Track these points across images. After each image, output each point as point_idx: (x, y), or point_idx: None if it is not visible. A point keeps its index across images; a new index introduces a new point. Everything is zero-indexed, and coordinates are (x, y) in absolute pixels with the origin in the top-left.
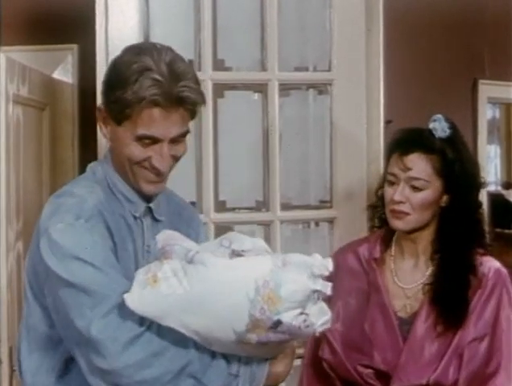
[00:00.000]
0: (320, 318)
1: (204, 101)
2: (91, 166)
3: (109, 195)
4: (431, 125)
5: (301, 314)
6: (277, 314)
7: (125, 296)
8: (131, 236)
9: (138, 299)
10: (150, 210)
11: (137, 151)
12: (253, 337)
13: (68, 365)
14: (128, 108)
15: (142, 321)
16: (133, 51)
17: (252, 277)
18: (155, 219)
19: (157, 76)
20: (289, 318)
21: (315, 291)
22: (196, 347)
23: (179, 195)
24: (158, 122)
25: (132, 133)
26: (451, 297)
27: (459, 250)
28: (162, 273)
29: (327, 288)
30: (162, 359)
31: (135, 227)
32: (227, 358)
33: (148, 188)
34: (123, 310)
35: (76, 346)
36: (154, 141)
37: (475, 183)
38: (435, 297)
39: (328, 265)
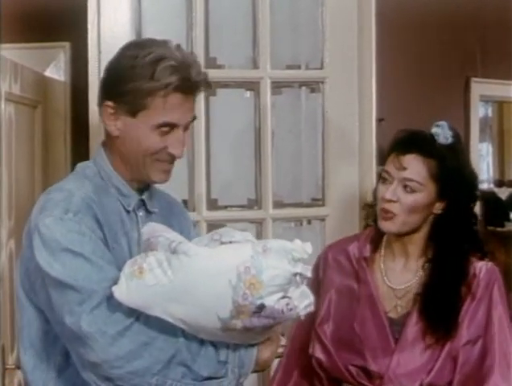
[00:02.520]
0: (302, 301)
1: (211, 87)
2: (80, 165)
3: (101, 190)
4: (433, 130)
5: (283, 297)
6: (260, 298)
7: (113, 288)
8: (123, 229)
9: (126, 291)
10: (143, 202)
11: (155, 141)
12: (238, 323)
13: (69, 359)
14: (147, 97)
15: (130, 313)
16: (137, 46)
17: (233, 264)
18: (148, 212)
19: (174, 63)
20: (272, 301)
21: (296, 274)
22: (184, 336)
23: (172, 193)
24: (177, 108)
25: (150, 122)
26: (441, 312)
27: (451, 260)
28: (147, 265)
29: (307, 270)
30: (151, 349)
31: (128, 221)
32: (215, 345)
33: (160, 177)
34: (111, 302)
35: (67, 341)
36: (171, 128)
37: (471, 194)
38: (425, 308)
39: (307, 249)
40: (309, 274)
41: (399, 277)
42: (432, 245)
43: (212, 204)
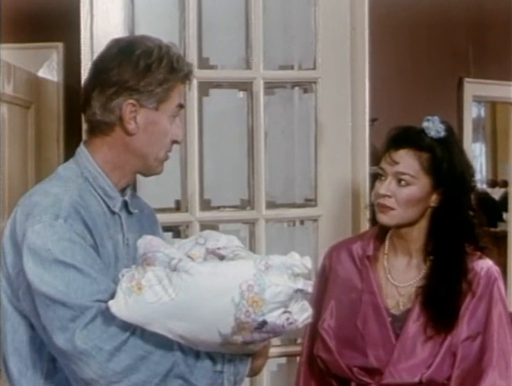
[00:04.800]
0: (302, 314)
1: None
2: (62, 166)
3: (85, 192)
4: (424, 125)
5: (284, 312)
6: (262, 315)
7: (110, 304)
8: (108, 232)
9: (124, 307)
10: (125, 203)
11: (170, 130)
12: (238, 338)
13: (56, 365)
14: (173, 88)
15: (125, 326)
16: (139, 42)
17: (236, 283)
18: (129, 213)
19: (178, 53)
20: (273, 317)
21: (297, 290)
22: (180, 348)
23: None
24: (182, 94)
25: (169, 112)
26: (441, 304)
27: (451, 254)
28: (146, 281)
29: (308, 286)
30: (148, 363)
31: (112, 224)
32: (211, 356)
33: (162, 168)
34: (105, 316)
35: (58, 356)
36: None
37: (465, 185)
38: (426, 301)
39: (307, 264)
40: (310, 290)
41: (403, 274)
42: (433, 240)
43: (205, 205)
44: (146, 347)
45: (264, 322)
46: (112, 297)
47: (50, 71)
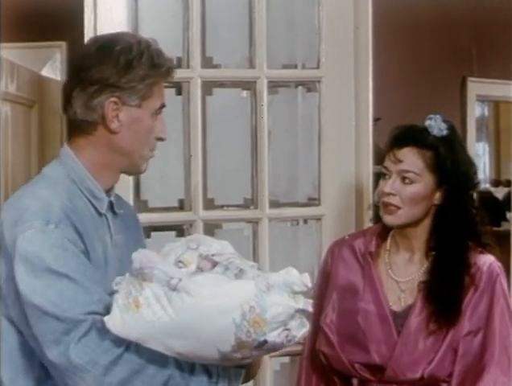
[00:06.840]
0: (300, 330)
1: None
2: (47, 168)
3: (73, 194)
4: (426, 123)
5: (284, 330)
6: (263, 335)
7: (106, 319)
8: (97, 234)
9: (120, 323)
10: (111, 204)
11: (154, 127)
12: (237, 355)
13: (48, 371)
14: (155, 84)
15: (120, 340)
16: (118, 39)
17: (237, 303)
18: (115, 213)
19: (158, 49)
20: (274, 337)
21: (297, 310)
22: (176, 361)
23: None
24: (163, 90)
25: (152, 108)
26: (444, 297)
27: (453, 249)
28: (143, 299)
29: (308, 305)
30: (143, 376)
31: (100, 225)
32: (206, 368)
33: (146, 167)
34: (99, 330)
35: (51, 368)
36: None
37: (468, 183)
38: (428, 296)
39: (306, 281)
40: (310, 309)
41: (403, 269)
42: (435, 237)
43: (209, 204)
44: (141, 361)
45: (265, 342)
46: (105, 307)
47: (53, 70)
